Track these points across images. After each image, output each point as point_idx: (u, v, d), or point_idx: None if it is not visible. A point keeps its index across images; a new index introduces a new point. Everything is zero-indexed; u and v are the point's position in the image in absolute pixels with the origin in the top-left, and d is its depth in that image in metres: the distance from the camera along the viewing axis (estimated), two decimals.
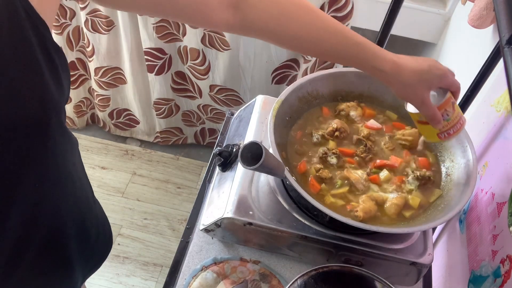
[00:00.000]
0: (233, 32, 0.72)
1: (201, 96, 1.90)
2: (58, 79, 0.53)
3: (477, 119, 1.02)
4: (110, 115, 2.09)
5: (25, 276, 0.63)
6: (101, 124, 2.19)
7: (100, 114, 2.13)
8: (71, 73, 1.94)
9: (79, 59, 1.92)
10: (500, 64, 0.91)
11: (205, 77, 1.79)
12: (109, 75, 1.89)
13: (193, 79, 1.83)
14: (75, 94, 2.05)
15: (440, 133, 0.79)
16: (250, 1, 0.67)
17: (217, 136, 1.11)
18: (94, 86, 1.96)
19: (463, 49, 1.30)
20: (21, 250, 0.60)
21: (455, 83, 0.77)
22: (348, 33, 0.72)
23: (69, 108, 2.09)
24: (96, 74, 1.88)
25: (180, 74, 1.86)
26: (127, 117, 2.10)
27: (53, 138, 0.56)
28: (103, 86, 1.93)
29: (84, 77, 2.01)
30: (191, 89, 1.90)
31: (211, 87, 1.84)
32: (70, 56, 1.88)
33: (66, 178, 0.64)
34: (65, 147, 0.62)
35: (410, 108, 0.80)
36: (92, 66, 1.86)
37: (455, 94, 0.78)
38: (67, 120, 2.14)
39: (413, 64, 0.74)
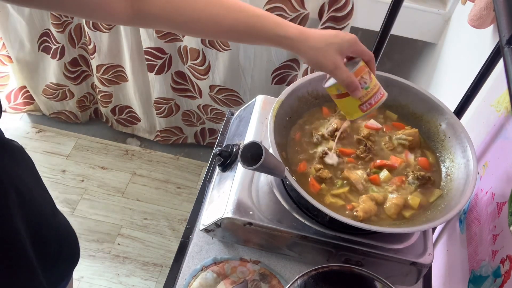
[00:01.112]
0: (134, 24, 0.71)
1: (201, 96, 1.90)
2: None
3: (477, 119, 1.02)
4: (113, 111, 2.10)
5: None
6: (104, 119, 2.20)
7: (103, 110, 2.14)
8: (73, 69, 1.96)
9: (81, 56, 1.93)
10: (500, 64, 0.91)
11: (205, 77, 1.79)
12: (110, 72, 1.90)
13: (193, 79, 1.83)
14: (78, 90, 2.06)
15: (362, 104, 0.76)
16: None
17: (217, 136, 1.11)
18: (96, 82, 1.97)
19: (463, 49, 1.30)
20: None
21: (367, 51, 0.76)
22: (246, 7, 0.71)
23: (71, 103, 2.11)
24: (98, 71, 1.89)
25: (180, 74, 1.86)
26: (129, 114, 2.11)
27: None
28: (105, 83, 1.94)
29: (86, 73, 2.02)
30: (191, 89, 1.90)
31: (211, 87, 1.84)
32: (72, 52, 1.89)
33: (8, 194, 0.61)
34: (3, 161, 0.59)
35: (328, 83, 0.78)
36: (94, 63, 1.87)
37: (369, 63, 0.77)
38: (69, 115, 2.15)
39: (320, 32, 0.73)
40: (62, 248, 0.78)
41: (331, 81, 0.77)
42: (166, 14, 0.68)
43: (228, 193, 0.87)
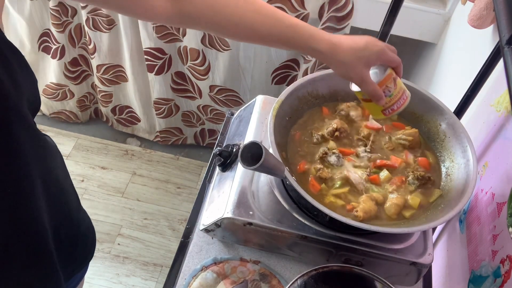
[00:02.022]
0: (172, 23, 0.73)
1: (201, 97, 1.90)
2: (13, 77, 0.52)
3: (477, 119, 1.02)
4: (113, 110, 2.11)
5: (9, 275, 0.62)
6: (104, 119, 2.21)
7: (103, 109, 2.14)
8: (74, 69, 1.96)
9: (81, 56, 1.93)
10: (500, 64, 0.91)
11: (205, 77, 1.79)
12: (110, 72, 1.90)
13: (193, 79, 1.83)
14: (78, 89, 2.06)
15: (384, 110, 0.80)
16: None
17: (217, 137, 1.11)
18: (97, 82, 1.97)
19: (463, 49, 1.30)
20: (4, 259, 0.59)
21: (394, 58, 0.78)
22: (281, 16, 0.73)
23: (72, 103, 2.11)
24: (98, 71, 1.89)
25: (180, 74, 1.86)
26: (129, 114, 2.12)
27: (19, 141, 0.55)
28: (105, 82, 1.94)
29: (86, 72, 2.02)
30: (191, 90, 1.90)
31: (211, 87, 1.84)
32: (73, 52, 1.89)
33: (32, 185, 0.61)
34: (35, 151, 0.60)
35: (354, 87, 0.80)
36: (94, 63, 1.87)
37: (396, 69, 0.79)
38: (69, 115, 2.15)
39: (349, 43, 0.75)
40: (78, 245, 0.79)
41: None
42: (205, 16, 0.71)
43: (228, 193, 0.87)
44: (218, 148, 0.96)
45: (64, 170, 0.75)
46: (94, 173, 2.05)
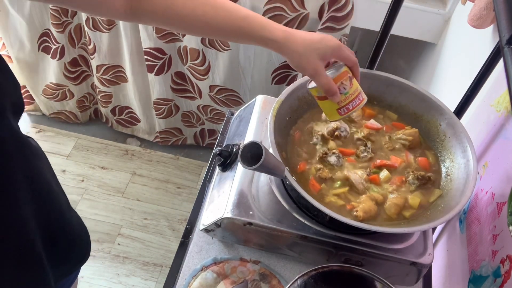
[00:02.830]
0: (131, 20, 0.74)
1: (200, 97, 1.90)
2: None
3: (477, 119, 1.02)
4: (113, 111, 2.10)
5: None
6: (104, 120, 2.21)
7: (103, 110, 2.14)
8: (73, 69, 1.96)
9: (81, 56, 1.93)
10: (500, 64, 0.91)
11: (205, 77, 1.79)
12: (110, 72, 1.90)
13: (193, 79, 1.83)
14: (78, 90, 2.06)
15: (340, 108, 0.79)
16: None
17: (217, 137, 1.11)
18: (96, 82, 1.97)
19: (463, 49, 1.30)
20: None
21: (351, 57, 0.77)
22: (233, 7, 0.73)
23: (71, 103, 2.11)
24: (98, 71, 1.89)
25: (180, 75, 1.86)
26: (129, 115, 2.12)
27: (2, 143, 0.55)
28: (105, 83, 1.94)
29: (86, 73, 2.02)
30: (191, 90, 1.90)
31: (211, 87, 1.84)
32: (72, 53, 1.89)
33: (16, 188, 0.61)
34: (18, 154, 0.60)
35: (310, 84, 0.80)
36: (94, 63, 1.87)
37: (353, 69, 0.78)
38: (69, 115, 2.15)
39: (304, 34, 0.74)
40: (72, 245, 0.79)
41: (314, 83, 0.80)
42: (159, 11, 0.71)
43: (228, 193, 0.87)
44: (218, 148, 0.96)
45: (51, 172, 0.75)
46: (94, 173, 2.05)
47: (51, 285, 0.71)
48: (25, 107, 2.15)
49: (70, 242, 0.78)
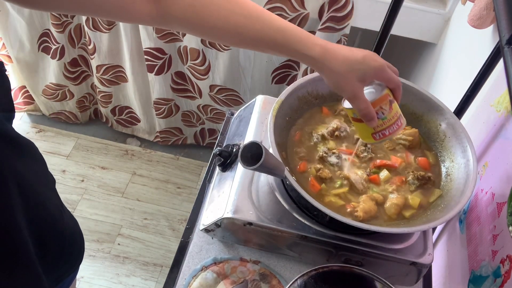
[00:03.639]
0: (156, 25, 0.70)
1: (201, 96, 1.90)
2: None
3: (477, 119, 1.02)
4: (113, 111, 2.10)
5: None
6: (104, 120, 2.21)
7: (103, 110, 2.14)
8: (73, 70, 1.96)
9: (81, 56, 1.93)
10: (500, 64, 0.91)
11: (205, 77, 1.79)
12: (110, 72, 1.90)
13: (193, 79, 1.83)
14: (78, 90, 2.06)
15: (375, 133, 0.74)
16: None
17: (217, 136, 1.11)
18: (96, 82, 1.97)
19: (463, 49, 1.30)
20: None
21: (394, 79, 0.72)
22: (269, 18, 0.68)
23: (71, 103, 2.11)
24: (98, 71, 1.89)
25: (180, 74, 1.86)
26: (129, 115, 2.12)
27: None
28: (105, 83, 1.94)
29: (86, 73, 2.02)
30: (191, 89, 1.90)
31: (211, 87, 1.84)
32: (72, 53, 1.89)
33: (9, 190, 0.60)
34: (10, 158, 0.59)
35: (346, 104, 0.75)
36: (94, 63, 1.87)
37: (395, 92, 0.73)
38: (69, 115, 2.15)
39: (345, 52, 0.69)
40: (65, 248, 0.78)
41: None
42: (189, 19, 0.67)
43: (228, 193, 0.87)
44: (218, 148, 0.96)
45: (45, 173, 0.73)
46: (94, 173, 2.05)
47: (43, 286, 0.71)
48: (25, 107, 2.16)
49: (62, 246, 0.77)
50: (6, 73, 0.58)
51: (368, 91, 0.72)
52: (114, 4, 0.63)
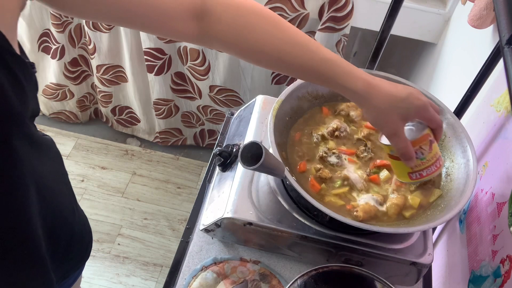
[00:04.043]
0: (196, 43, 0.70)
1: (200, 97, 1.90)
2: (21, 91, 0.51)
3: (477, 119, 1.02)
4: (113, 111, 2.11)
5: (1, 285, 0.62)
6: (104, 119, 2.21)
7: (103, 110, 2.14)
8: (73, 69, 1.96)
9: (81, 56, 1.93)
10: (500, 64, 0.91)
11: (205, 77, 1.79)
12: (110, 72, 1.90)
13: (193, 79, 1.83)
14: (78, 90, 2.06)
15: (412, 173, 0.73)
16: (215, 15, 0.65)
17: (217, 137, 1.11)
18: (97, 82, 1.97)
19: (463, 49, 1.30)
20: None
21: (436, 118, 0.70)
22: (314, 47, 0.67)
23: (71, 103, 2.11)
24: (98, 71, 1.89)
25: (180, 75, 1.86)
26: (129, 115, 2.12)
27: (17, 151, 0.54)
28: (105, 83, 1.94)
29: (86, 73, 2.02)
30: (191, 90, 1.90)
31: (211, 87, 1.84)
32: (72, 52, 1.89)
33: (28, 190, 0.61)
34: (32, 159, 0.60)
35: (384, 139, 0.74)
36: (94, 63, 1.87)
37: (436, 132, 0.72)
38: (69, 115, 2.15)
39: (389, 88, 0.68)
40: (73, 245, 0.78)
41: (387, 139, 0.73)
42: (231, 41, 0.67)
43: (228, 193, 0.87)
44: (218, 148, 0.96)
45: (62, 170, 0.74)
46: (94, 173, 2.05)
47: (52, 285, 0.71)
48: None
49: (73, 242, 0.78)
50: None
51: (408, 129, 0.71)
52: (155, 20, 0.63)
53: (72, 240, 0.78)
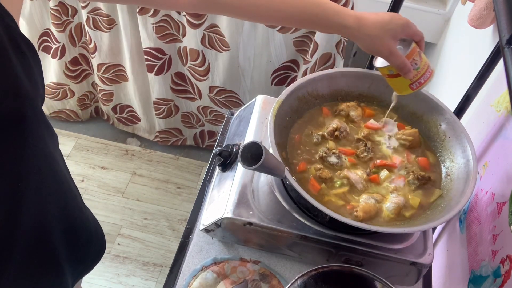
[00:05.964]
0: (196, 10, 0.75)
1: (200, 98, 1.90)
2: (31, 74, 0.51)
3: (477, 119, 1.02)
4: (114, 109, 2.11)
5: (13, 278, 0.62)
6: (105, 117, 2.21)
7: (104, 108, 2.15)
8: (74, 68, 1.96)
9: (82, 55, 1.93)
10: (500, 64, 0.91)
11: (205, 78, 1.79)
12: (111, 71, 1.90)
13: (193, 80, 1.83)
14: (78, 88, 2.07)
15: (412, 84, 0.81)
16: None
17: (216, 138, 1.11)
18: (97, 81, 1.97)
19: (463, 49, 1.30)
20: (6, 251, 0.59)
21: (418, 32, 0.79)
22: None
23: (72, 102, 2.11)
24: (98, 70, 1.90)
25: (180, 75, 1.86)
26: (129, 113, 2.12)
27: (31, 135, 0.55)
28: (106, 81, 1.95)
29: (87, 71, 2.02)
30: (191, 90, 1.90)
31: (211, 88, 1.84)
32: (73, 52, 1.90)
33: (47, 176, 0.62)
34: (47, 144, 0.61)
35: (379, 63, 0.82)
36: (94, 62, 1.87)
37: (419, 43, 0.80)
38: (70, 114, 2.16)
39: (375, 17, 0.77)
40: (90, 241, 0.79)
41: (382, 61, 0.81)
42: (228, 1, 0.73)
43: (228, 193, 0.87)
44: (218, 148, 0.96)
45: (64, 164, 0.75)
46: (94, 173, 2.05)
47: (66, 280, 0.72)
48: None
49: (88, 240, 0.78)
50: None
51: (398, 48, 0.78)
52: None
53: (90, 237, 0.78)
